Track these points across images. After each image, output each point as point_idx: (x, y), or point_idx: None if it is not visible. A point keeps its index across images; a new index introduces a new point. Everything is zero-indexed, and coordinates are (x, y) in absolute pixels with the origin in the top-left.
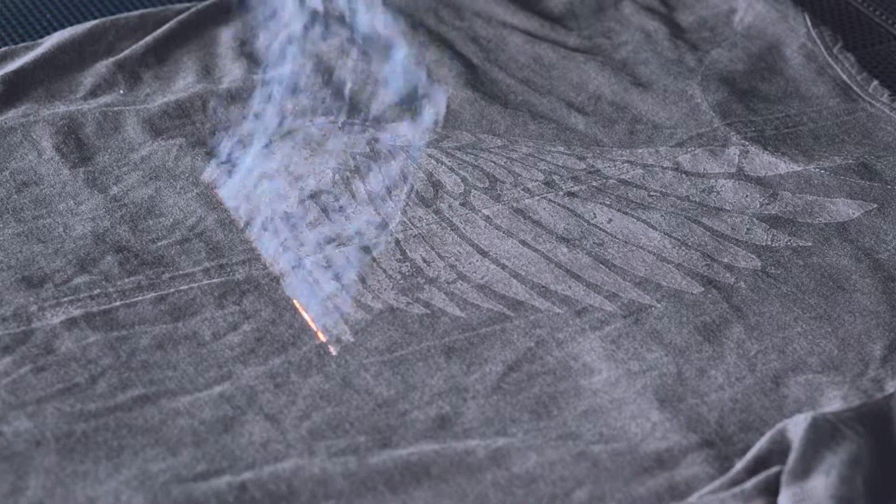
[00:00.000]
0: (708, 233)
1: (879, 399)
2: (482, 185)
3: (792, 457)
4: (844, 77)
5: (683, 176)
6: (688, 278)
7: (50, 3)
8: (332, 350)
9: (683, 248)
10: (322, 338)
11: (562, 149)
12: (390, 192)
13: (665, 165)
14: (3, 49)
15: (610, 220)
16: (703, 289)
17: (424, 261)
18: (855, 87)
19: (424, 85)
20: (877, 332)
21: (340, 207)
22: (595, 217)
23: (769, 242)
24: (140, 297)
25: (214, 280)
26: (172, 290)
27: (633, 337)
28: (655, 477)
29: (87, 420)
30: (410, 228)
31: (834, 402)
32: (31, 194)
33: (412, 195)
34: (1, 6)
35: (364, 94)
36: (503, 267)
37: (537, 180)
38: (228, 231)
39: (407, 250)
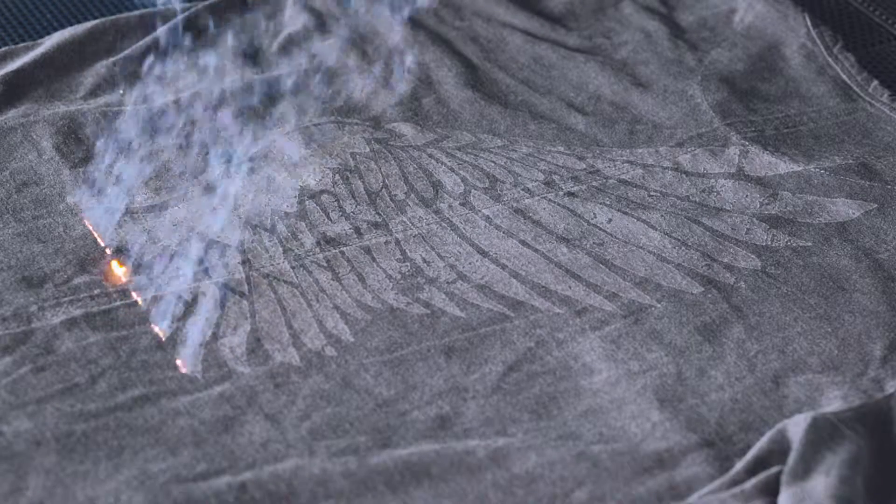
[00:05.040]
0: (708, 233)
1: (879, 399)
2: (482, 185)
3: (792, 457)
4: (844, 77)
5: (683, 176)
6: (688, 278)
7: (50, 3)
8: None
9: (683, 248)
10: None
11: (562, 149)
12: (390, 192)
13: (665, 165)
14: (3, 49)
15: (610, 220)
16: (703, 289)
17: (424, 261)
18: (855, 87)
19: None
20: (877, 332)
21: (340, 207)
22: (595, 217)
23: (769, 242)
24: (140, 297)
25: (215, 280)
26: (173, 290)
27: (633, 337)
28: (655, 477)
29: (87, 420)
30: (410, 228)
31: (834, 402)
32: (31, 194)
33: (412, 195)
34: (1, 6)
35: (364, 93)
36: (503, 267)
37: (537, 180)
38: (228, 232)
39: (407, 250)
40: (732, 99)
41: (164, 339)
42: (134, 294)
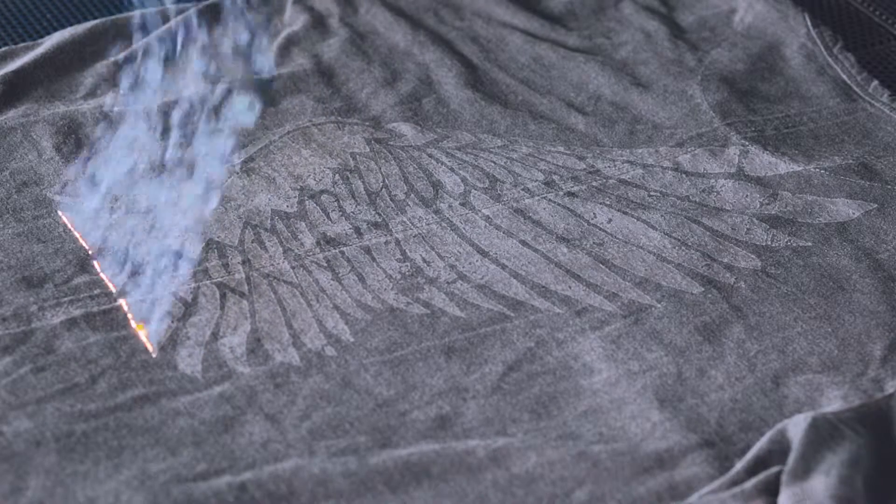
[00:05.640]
0: (708, 233)
1: (879, 399)
2: (482, 185)
3: (792, 457)
4: (844, 77)
5: (683, 176)
6: (688, 278)
7: (50, 3)
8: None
9: (683, 248)
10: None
11: (562, 149)
12: (390, 192)
13: (665, 165)
14: (3, 49)
15: (610, 220)
16: (703, 289)
17: (424, 261)
18: (855, 87)
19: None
20: (877, 332)
21: (340, 207)
22: (595, 217)
23: (769, 242)
24: (138, 299)
25: (215, 280)
26: (173, 290)
27: (633, 337)
28: (655, 477)
29: (87, 420)
30: (410, 228)
31: (834, 402)
32: (31, 194)
33: (412, 195)
34: (1, 6)
35: (364, 93)
36: (503, 267)
37: (537, 180)
38: (228, 232)
39: (407, 250)
40: (732, 99)
41: (153, 342)
42: (133, 294)
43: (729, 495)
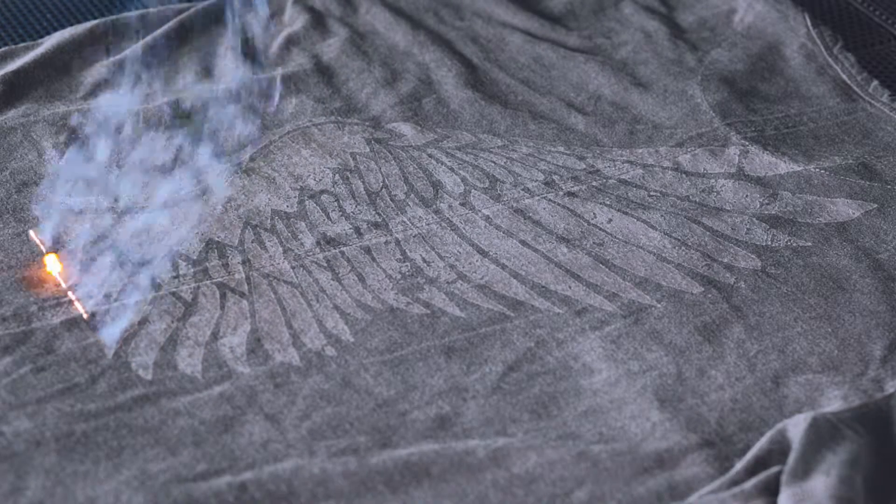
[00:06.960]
0: (708, 233)
1: (879, 399)
2: (482, 185)
3: (792, 457)
4: (844, 77)
5: (683, 176)
6: (688, 278)
7: (50, 3)
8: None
9: (683, 248)
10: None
11: (562, 149)
12: (390, 192)
13: (665, 165)
14: (3, 49)
15: (610, 220)
16: (703, 289)
17: (424, 261)
18: (855, 87)
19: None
20: (877, 332)
21: (340, 207)
22: (595, 217)
23: (769, 242)
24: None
25: (215, 280)
26: (173, 290)
27: (633, 337)
28: (655, 477)
29: (87, 420)
30: (410, 228)
31: (834, 402)
32: (31, 194)
33: (412, 195)
34: (1, 6)
35: (364, 93)
36: (503, 267)
37: (537, 180)
38: (228, 232)
39: (407, 250)
40: (732, 99)
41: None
42: (132, 295)
43: (729, 495)
